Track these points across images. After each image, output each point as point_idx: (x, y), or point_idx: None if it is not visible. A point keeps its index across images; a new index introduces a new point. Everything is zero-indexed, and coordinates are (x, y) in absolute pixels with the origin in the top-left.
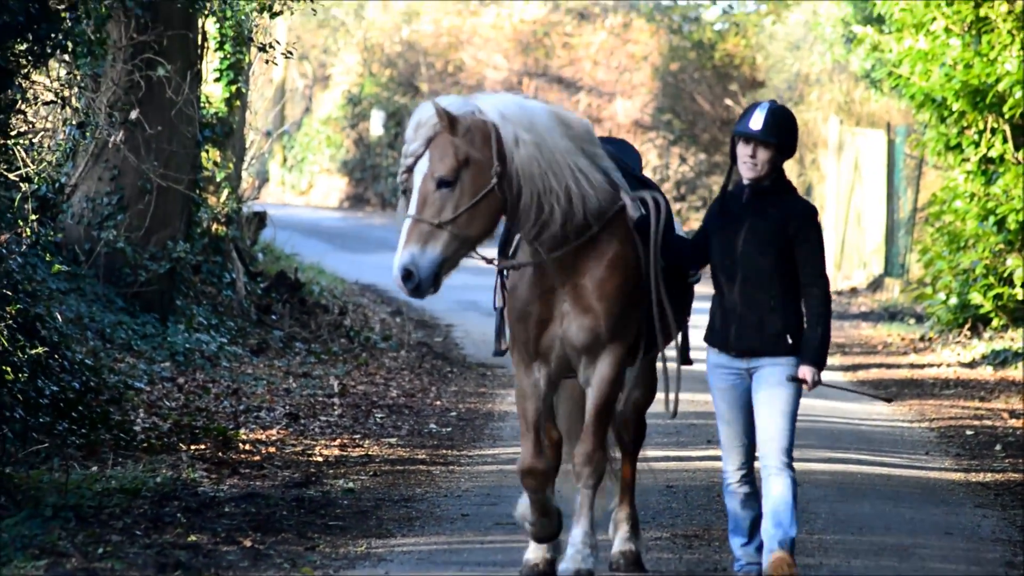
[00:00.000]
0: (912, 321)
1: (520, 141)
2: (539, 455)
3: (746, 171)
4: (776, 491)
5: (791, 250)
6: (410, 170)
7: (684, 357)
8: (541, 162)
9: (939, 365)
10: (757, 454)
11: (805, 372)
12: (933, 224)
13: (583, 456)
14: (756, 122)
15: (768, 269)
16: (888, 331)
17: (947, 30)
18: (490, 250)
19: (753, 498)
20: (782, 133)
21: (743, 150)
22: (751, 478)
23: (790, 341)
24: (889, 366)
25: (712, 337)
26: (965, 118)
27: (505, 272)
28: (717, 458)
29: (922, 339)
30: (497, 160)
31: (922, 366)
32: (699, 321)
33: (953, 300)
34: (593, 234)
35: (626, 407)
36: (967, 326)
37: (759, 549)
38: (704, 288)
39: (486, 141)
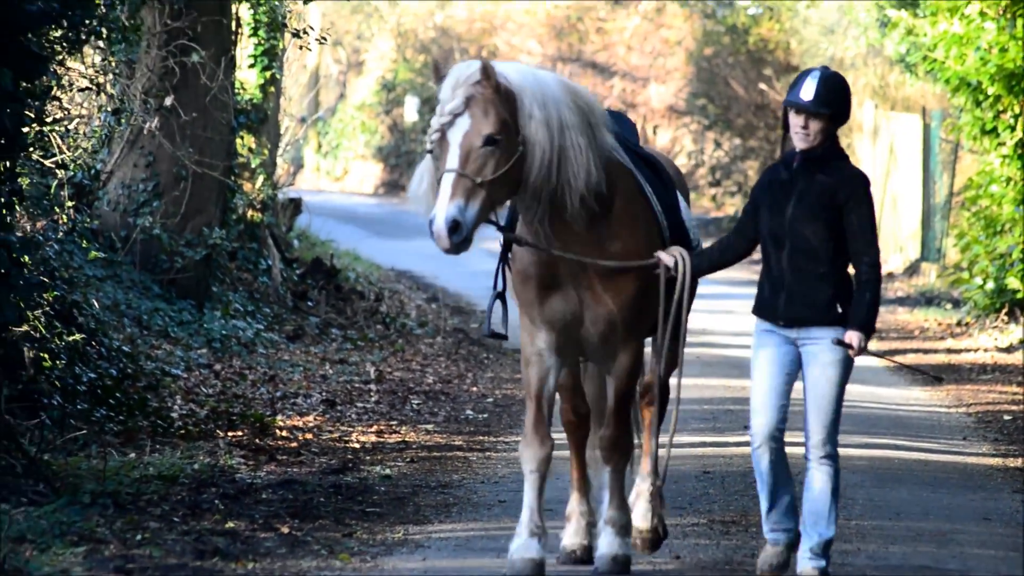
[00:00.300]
0: (949, 306)
1: (532, 116)
2: (541, 430)
3: (799, 141)
4: (818, 484)
5: (841, 218)
6: (444, 129)
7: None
8: (550, 140)
9: (976, 350)
10: (803, 439)
11: (852, 337)
12: (969, 208)
13: (609, 441)
14: (807, 92)
15: (817, 237)
16: (925, 316)
17: (982, 13)
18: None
19: (778, 462)
20: (834, 102)
21: (795, 120)
22: (780, 442)
23: (839, 310)
24: (926, 351)
25: (760, 308)
26: (1001, 102)
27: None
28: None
29: (959, 324)
30: (519, 128)
31: (959, 351)
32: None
33: (990, 285)
34: (597, 219)
35: (647, 377)
36: (1004, 311)
37: (786, 514)
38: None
39: (513, 107)
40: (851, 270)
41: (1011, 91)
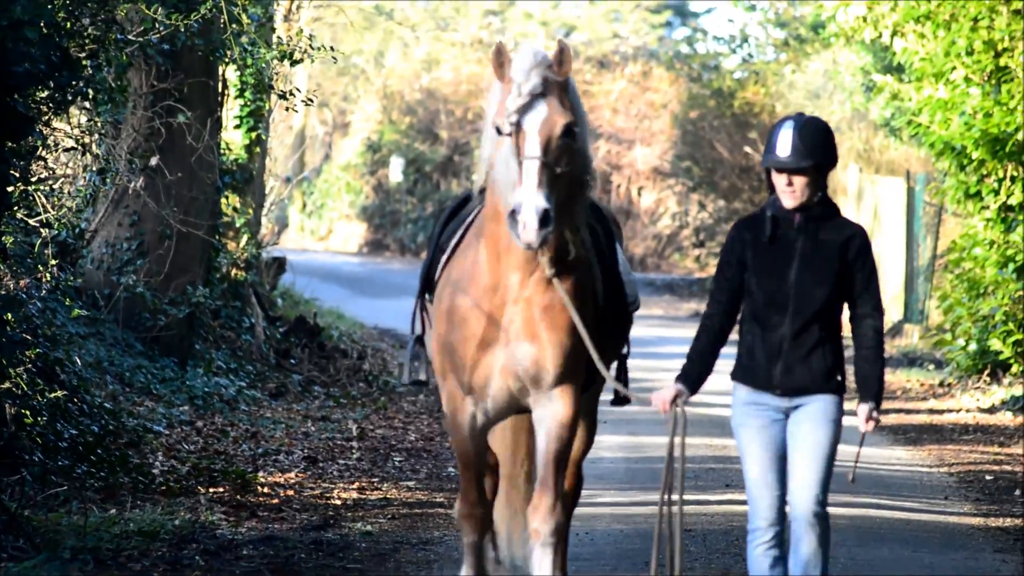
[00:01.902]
0: (931, 367)
1: (576, 110)
2: (478, 500)
3: (786, 200)
4: (806, 550)
5: (845, 279)
6: (522, 111)
7: (618, 395)
8: (584, 145)
9: (959, 411)
10: (791, 500)
11: (865, 412)
12: (952, 271)
13: (543, 512)
14: (783, 147)
15: (822, 301)
16: (907, 377)
17: (967, 79)
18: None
19: (781, 561)
20: (816, 151)
21: (778, 179)
22: (782, 539)
23: (838, 378)
24: (909, 411)
25: (748, 375)
26: (985, 166)
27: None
28: (736, 502)
29: (941, 385)
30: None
31: (941, 411)
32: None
33: (972, 346)
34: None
35: (546, 437)
36: (986, 372)
37: None
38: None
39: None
40: (844, 331)
41: (995, 156)
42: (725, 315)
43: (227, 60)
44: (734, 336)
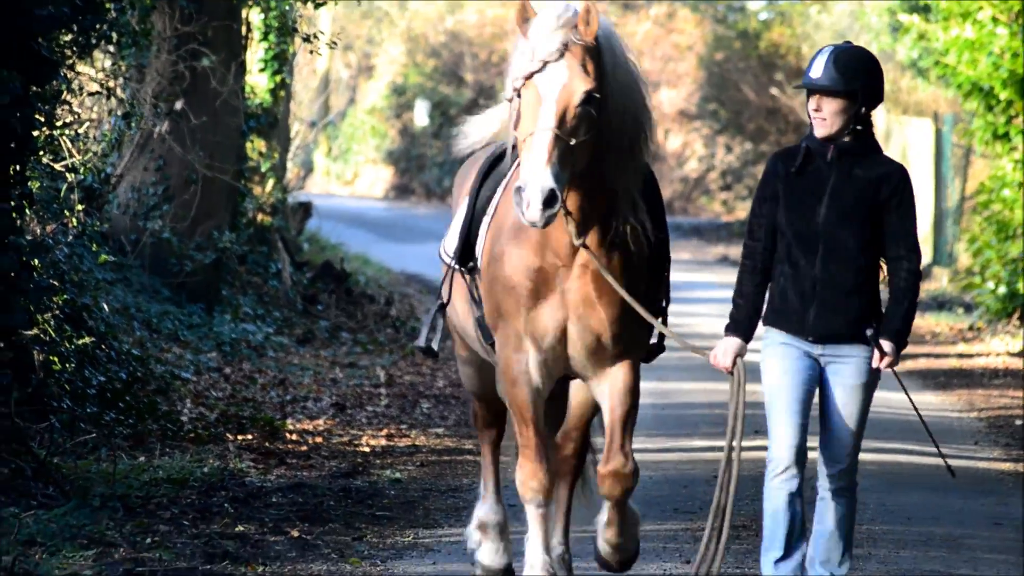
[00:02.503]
0: (961, 310)
1: (616, 78)
2: (542, 458)
3: (816, 128)
4: (832, 518)
5: (880, 219)
6: (534, 77)
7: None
8: (627, 109)
9: (988, 355)
10: (818, 469)
11: (886, 346)
12: (981, 213)
13: (612, 473)
14: (816, 69)
15: (854, 242)
16: (936, 321)
17: (994, 19)
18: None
19: (798, 499)
20: (851, 78)
21: (810, 105)
22: (802, 472)
23: (869, 332)
24: (938, 355)
25: (781, 319)
26: (1013, 107)
27: (451, 256)
28: (763, 448)
29: (971, 328)
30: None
31: (971, 356)
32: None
33: (1002, 289)
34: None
35: (576, 418)
36: (1016, 315)
37: (798, 568)
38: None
39: (601, 64)
40: (883, 276)
41: (1023, 96)
42: (764, 252)
43: (251, 3)
44: None
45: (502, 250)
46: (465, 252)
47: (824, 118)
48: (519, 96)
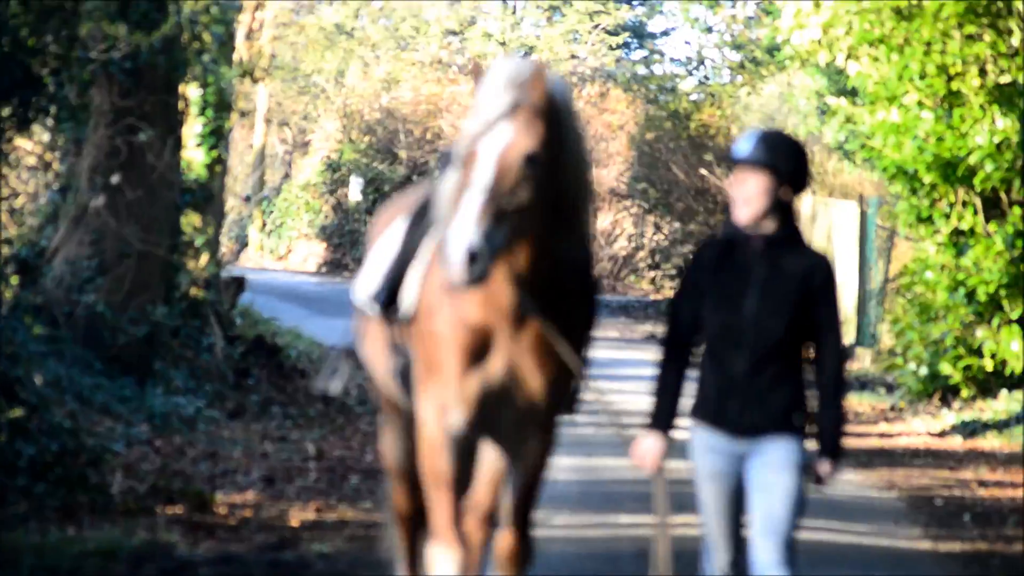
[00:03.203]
0: (883, 390)
1: (567, 139)
2: (457, 529)
3: (739, 210)
4: None
5: (806, 311)
6: (480, 137)
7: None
8: (578, 172)
9: (909, 434)
10: (750, 548)
11: (824, 467)
12: (904, 295)
13: (509, 548)
14: (744, 146)
15: (780, 334)
16: (859, 400)
17: (920, 103)
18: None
19: None
20: (779, 157)
21: (734, 182)
22: (741, 571)
23: (800, 418)
24: (860, 435)
25: (703, 413)
26: (936, 190)
27: (369, 300)
28: (692, 525)
29: (892, 408)
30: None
31: (892, 435)
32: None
33: (923, 370)
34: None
35: (487, 484)
36: (937, 396)
37: None
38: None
39: (554, 125)
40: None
41: (947, 180)
42: (685, 343)
43: (189, 78)
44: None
45: (438, 302)
46: (389, 297)
47: (747, 197)
48: (458, 162)
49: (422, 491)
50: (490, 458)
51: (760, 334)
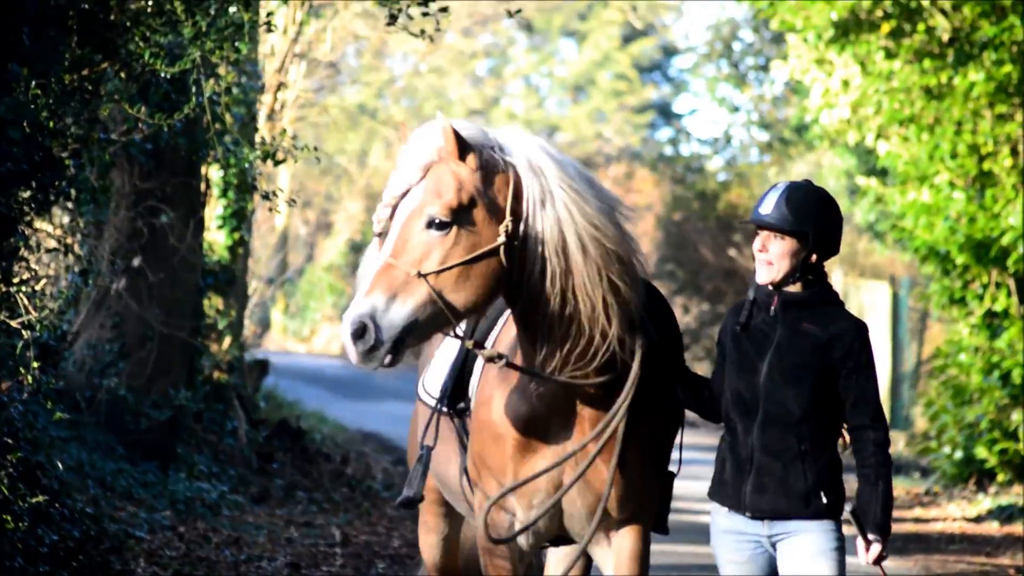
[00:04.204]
0: (917, 475)
1: (548, 200)
2: None
3: (760, 272)
4: None
5: (832, 382)
6: (396, 204)
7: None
8: (576, 232)
9: (944, 519)
10: None
11: (871, 548)
12: (937, 377)
13: None
14: (767, 206)
15: (796, 407)
16: (893, 484)
17: (951, 184)
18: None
19: None
20: (802, 218)
21: (756, 244)
22: None
23: (824, 500)
24: (895, 520)
25: (721, 492)
26: (969, 272)
27: (436, 396)
28: None
29: (927, 493)
30: (511, 214)
31: (927, 520)
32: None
33: (958, 454)
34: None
35: None
36: (972, 480)
37: None
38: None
39: (502, 186)
40: (840, 445)
41: (979, 261)
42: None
43: (210, 160)
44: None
45: (491, 393)
46: (456, 392)
47: (770, 260)
48: (377, 232)
49: None
50: (565, 562)
51: (774, 404)
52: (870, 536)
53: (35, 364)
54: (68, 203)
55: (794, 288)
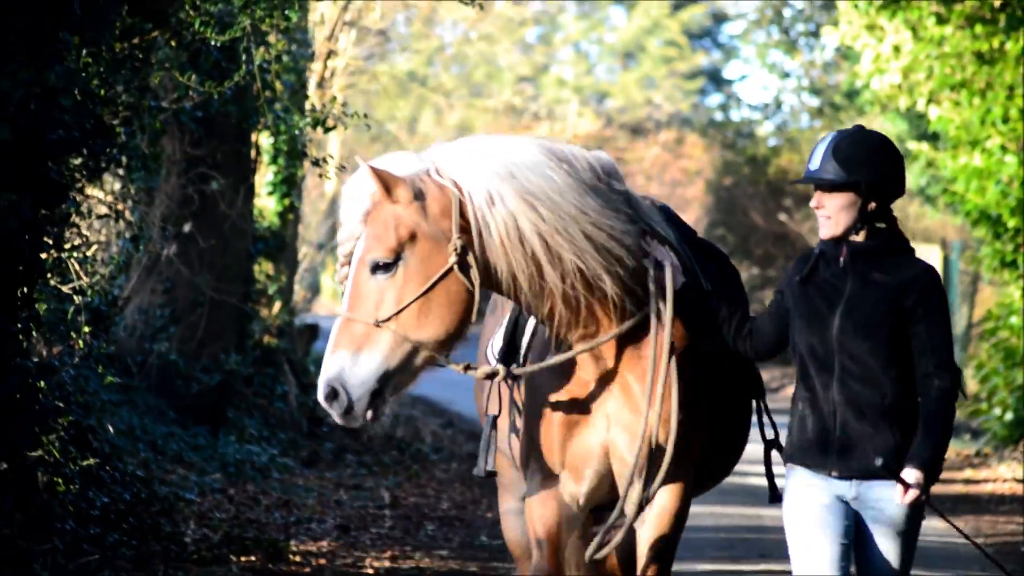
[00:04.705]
0: (968, 437)
1: (497, 197)
2: None
3: (822, 228)
4: None
5: (906, 331)
6: (350, 259)
7: (770, 486)
8: (535, 221)
9: (995, 481)
10: None
11: (909, 477)
12: (988, 340)
13: None
14: (815, 160)
15: (875, 359)
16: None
17: (1002, 147)
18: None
19: None
20: (852, 169)
21: (812, 201)
22: None
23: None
24: (945, 481)
25: (802, 454)
26: (1020, 235)
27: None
28: (772, 572)
29: (978, 454)
30: (458, 232)
31: (978, 482)
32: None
33: (1009, 416)
34: (645, 312)
35: (649, 551)
36: (1023, 442)
37: None
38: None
39: (444, 208)
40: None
41: None
42: (760, 336)
43: (260, 127)
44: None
45: (539, 381)
46: (510, 352)
47: (828, 216)
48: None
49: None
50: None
51: (849, 359)
52: (909, 473)
53: (86, 329)
54: (119, 170)
55: (862, 238)
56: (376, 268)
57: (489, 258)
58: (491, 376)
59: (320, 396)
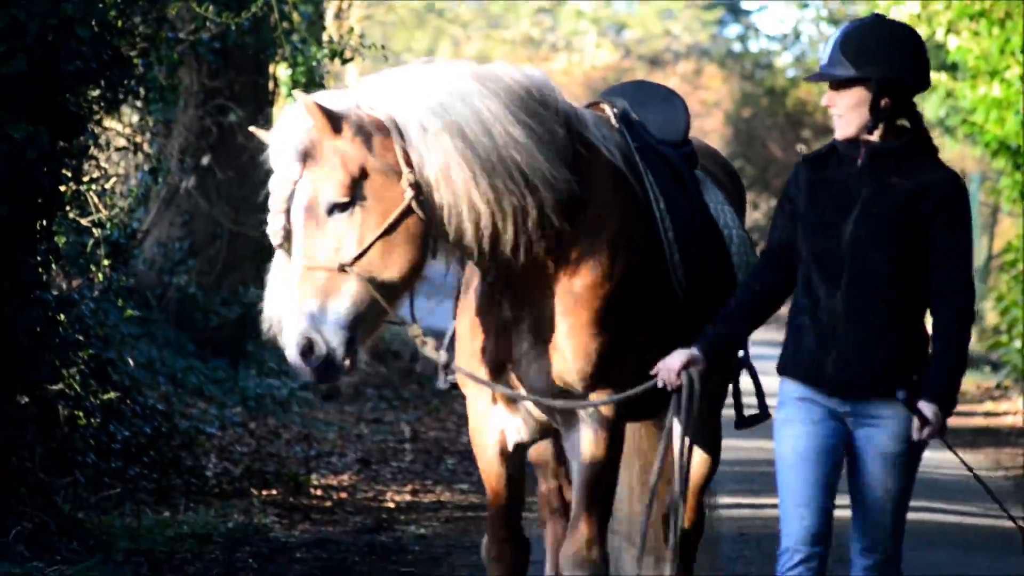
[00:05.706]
0: (987, 369)
1: (428, 129)
2: (507, 539)
3: (837, 130)
4: None
5: (921, 240)
6: (287, 206)
7: (760, 404)
8: (464, 152)
9: (1015, 413)
10: (851, 556)
11: (926, 409)
12: (1008, 271)
13: (572, 558)
14: (825, 55)
15: (886, 268)
16: (963, 379)
17: (1022, 78)
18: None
19: None
20: (863, 62)
21: (824, 99)
22: (822, 565)
23: (915, 378)
24: (964, 414)
25: (795, 366)
26: None
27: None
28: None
29: (998, 387)
30: (406, 165)
31: (998, 414)
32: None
33: None
34: (560, 238)
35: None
36: None
37: None
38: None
39: (386, 143)
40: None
41: None
42: (770, 275)
43: (278, 58)
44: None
45: (464, 308)
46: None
47: (840, 114)
48: (277, 243)
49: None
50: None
51: (861, 266)
52: (926, 407)
53: (105, 262)
54: (137, 102)
55: (879, 137)
56: (332, 209)
57: (429, 194)
58: (445, 367)
59: (292, 353)
